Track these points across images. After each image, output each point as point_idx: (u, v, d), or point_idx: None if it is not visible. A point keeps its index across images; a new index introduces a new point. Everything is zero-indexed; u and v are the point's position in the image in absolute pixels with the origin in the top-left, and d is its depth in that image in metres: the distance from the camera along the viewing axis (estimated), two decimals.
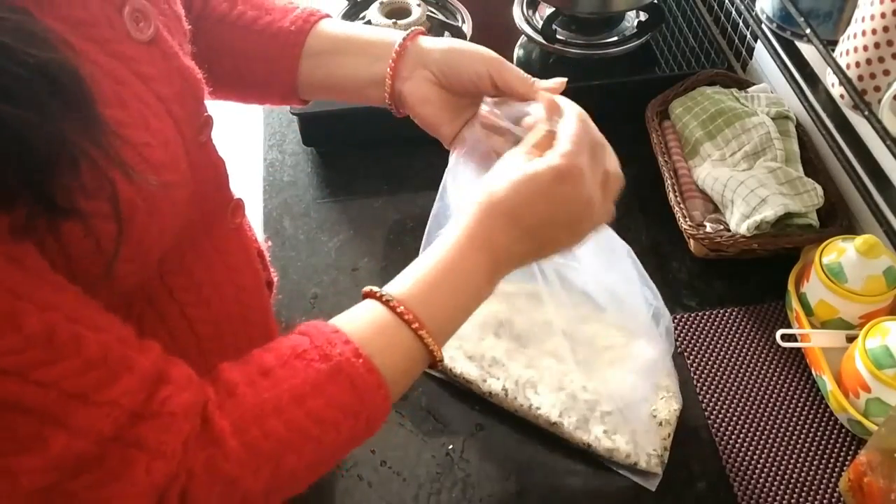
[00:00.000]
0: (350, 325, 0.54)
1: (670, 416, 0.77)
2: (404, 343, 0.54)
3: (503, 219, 0.57)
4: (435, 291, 0.56)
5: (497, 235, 0.57)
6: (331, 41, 0.72)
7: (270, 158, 1.08)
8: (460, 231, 0.57)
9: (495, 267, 0.58)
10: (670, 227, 0.95)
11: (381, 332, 0.54)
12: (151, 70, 0.52)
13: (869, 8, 0.73)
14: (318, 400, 0.50)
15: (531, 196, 0.57)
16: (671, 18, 1.19)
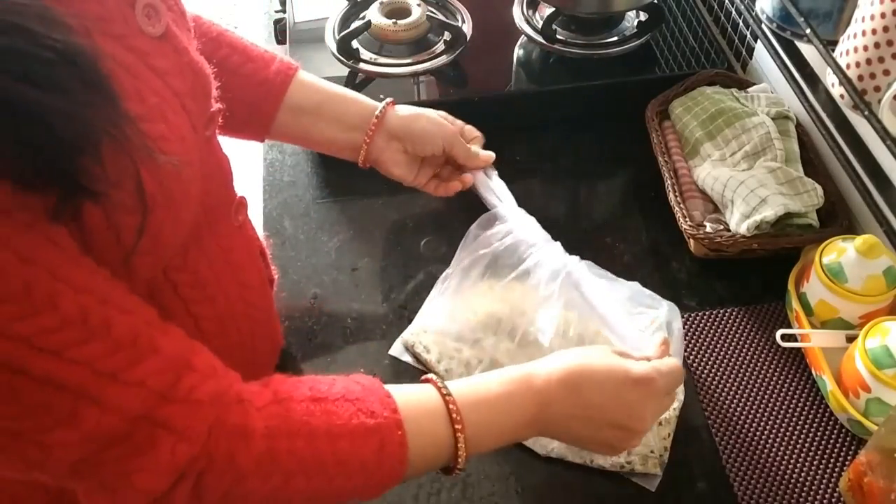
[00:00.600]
0: (402, 399, 0.57)
1: (670, 415, 0.77)
2: (441, 438, 0.58)
3: (567, 388, 0.62)
4: (484, 406, 0.60)
5: (554, 398, 0.61)
6: (309, 100, 0.80)
7: (270, 158, 1.08)
8: (534, 372, 0.63)
9: (539, 421, 0.62)
10: (670, 227, 0.95)
11: (426, 417, 0.58)
12: (165, 64, 0.53)
13: (869, 8, 0.73)
14: (347, 445, 0.54)
15: (603, 383, 0.62)
16: (671, 18, 1.19)
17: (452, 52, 1.10)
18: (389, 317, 0.89)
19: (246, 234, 0.68)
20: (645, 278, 0.92)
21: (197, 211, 0.57)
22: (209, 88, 0.59)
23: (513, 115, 1.10)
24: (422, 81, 1.11)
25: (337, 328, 0.88)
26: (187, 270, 0.59)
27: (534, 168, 1.06)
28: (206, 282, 0.61)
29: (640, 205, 1.01)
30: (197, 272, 0.60)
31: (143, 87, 0.50)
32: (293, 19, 1.18)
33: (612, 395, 0.62)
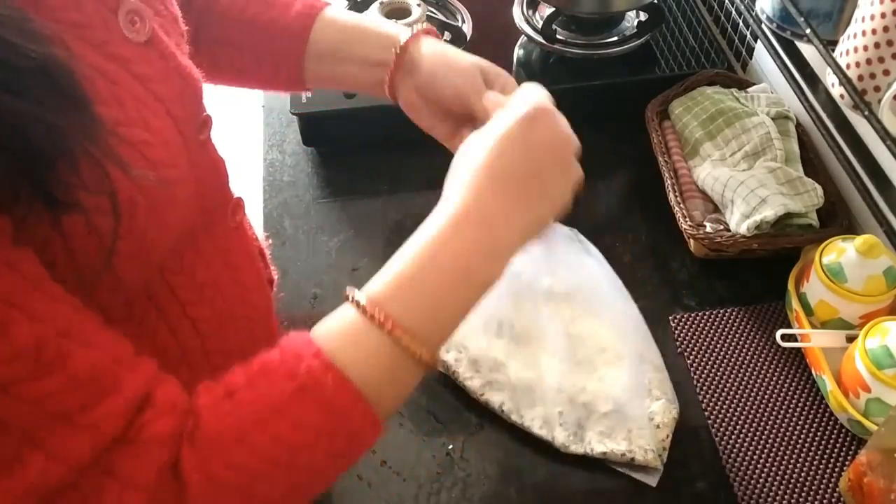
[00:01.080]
0: (325, 334, 0.50)
1: (668, 421, 0.77)
2: (380, 349, 0.49)
3: (490, 184, 0.52)
4: (416, 285, 0.50)
5: (488, 203, 0.52)
6: (332, 42, 0.72)
7: (270, 158, 1.08)
8: (446, 210, 0.52)
9: (494, 241, 0.52)
10: (670, 227, 0.95)
11: (353, 341, 0.49)
12: (149, 70, 0.52)
13: (869, 8, 0.73)
14: (281, 423, 0.46)
15: (511, 150, 0.53)
16: (671, 18, 1.19)
17: None
18: None
19: (243, 234, 0.68)
20: (645, 278, 0.93)
21: (190, 214, 0.56)
22: (199, 93, 0.58)
23: None
24: None
25: None
26: (184, 273, 0.58)
27: None
28: (203, 283, 0.60)
29: (640, 205, 1.01)
30: (194, 274, 0.59)
31: (122, 94, 0.49)
32: None
33: (524, 152, 0.53)
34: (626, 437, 0.76)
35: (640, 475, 0.75)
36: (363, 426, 0.49)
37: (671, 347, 0.86)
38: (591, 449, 0.76)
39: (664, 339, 0.87)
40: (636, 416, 0.76)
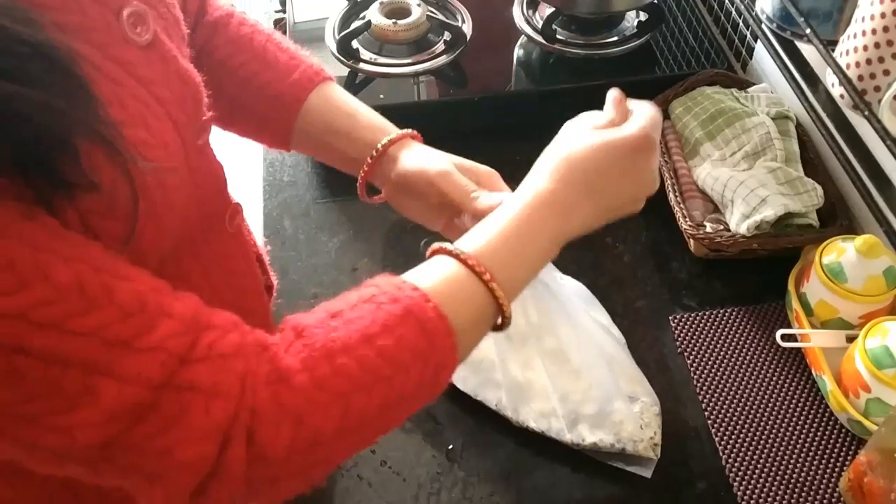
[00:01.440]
0: (419, 276, 0.54)
1: (651, 419, 0.77)
2: (475, 294, 0.53)
3: (580, 183, 0.58)
4: (506, 246, 0.56)
5: (571, 197, 0.58)
6: (320, 125, 0.72)
7: (270, 158, 1.08)
8: (536, 189, 0.58)
9: (564, 228, 0.58)
10: (670, 227, 0.95)
11: (450, 282, 0.53)
12: (150, 73, 0.52)
13: (869, 8, 0.73)
14: (388, 339, 0.49)
15: (610, 163, 0.59)
16: (671, 18, 1.19)
17: (452, 52, 1.10)
18: None
19: (242, 240, 0.67)
20: (645, 278, 0.93)
21: (187, 218, 0.56)
22: (199, 96, 0.58)
23: (513, 115, 1.10)
24: (422, 81, 1.11)
25: None
26: (181, 277, 0.57)
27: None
28: (199, 289, 0.59)
29: None
30: (190, 279, 0.59)
31: (124, 95, 0.49)
32: (293, 19, 1.19)
33: (620, 171, 0.59)
34: (615, 430, 0.76)
35: (635, 468, 0.75)
36: (449, 361, 0.52)
37: (671, 347, 0.86)
38: (583, 439, 0.76)
39: (664, 339, 0.87)
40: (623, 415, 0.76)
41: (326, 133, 0.72)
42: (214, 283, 0.62)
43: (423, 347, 0.50)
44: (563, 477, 0.76)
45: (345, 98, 0.73)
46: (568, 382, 0.80)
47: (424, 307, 0.51)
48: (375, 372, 0.49)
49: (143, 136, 0.49)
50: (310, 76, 0.72)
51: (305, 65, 0.72)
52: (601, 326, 0.83)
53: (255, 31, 0.73)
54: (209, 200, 0.61)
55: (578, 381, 0.80)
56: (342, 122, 0.72)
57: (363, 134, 0.71)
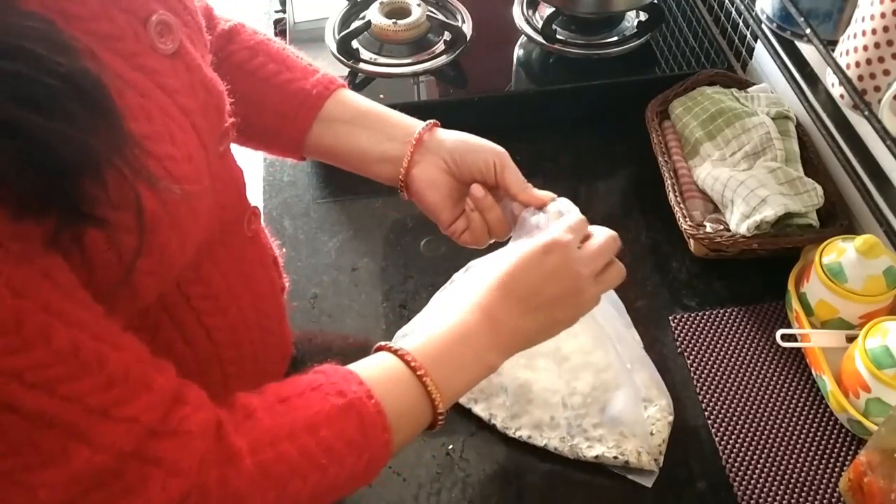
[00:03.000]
0: (364, 371, 0.57)
1: (663, 427, 0.77)
2: (411, 392, 0.57)
3: (501, 293, 0.62)
4: (444, 351, 0.60)
5: (496, 308, 0.62)
6: (349, 111, 0.74)
7: (270, 158, 1.08)
8: (466, 300, 0.62)
9: (496, 338, 0.61)
10: (670, 227, 0.95)
11: (391, 379, 0.57)
12: (175, 83, 0.52)
13: (869, 8, 0.73)
14: (329, 430, 0.53)
15: (524, 269, 0.63)
16: (671, 18, 1.19)
17: (452, 52, 1.10)
18: (389, 317, 0.89)
19: (259, 243, 0.68)
20: (645, 278, 0.93)
21: (209, 227, 0.56)
22: (222, 105, 0.58)
23: (513, 115, 1.10)
24: (422, 81, 1.11)
25: (337, 328, 0.88)
26: (200, 283, 0.58)
27: (534, 168, 1.06)
28: (218, 293, 0.60)
29: (640, 205, 1.01)
30: (210, 284, 0.59)
31: (150, 106, 0.49)
32: (293, 19, 1.19)
33: (537, 275, 0.62)
34: (616, 442, 0.76)
35: (636, 476, 0.75)
36: (382, 455, 0.56)
37: (671, 347, 0.86)
38: (583, 455, 0.76)
39: (664, 339, 0.87)
40: (629, 422, 0.76)
41: (356, 119, 0.73)
42: (233, 287, 0.62)
43: (360, 441, 0.54)
44: (563, 477, 0.76)
45: (366, 99, 0.75)
46: (572, 383, 0.80)
47: (367, 403, 0.54)
48: (314, 461, 0.52)
49: (168, 150, 0.49)
50: (329, 78, 0.74)
51: (324, 71, 0.75)
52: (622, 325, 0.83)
53: (269, 39, 0.75)
54: (229, 206, 0.61)
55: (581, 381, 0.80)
56: (372, 113, 0.74)
57: (398, 122, 0.73)
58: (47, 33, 0.41)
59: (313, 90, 0.72)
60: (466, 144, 0.72)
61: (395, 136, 0.72)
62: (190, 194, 0.51)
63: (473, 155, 0.71)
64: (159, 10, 0.51)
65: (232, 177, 0.62)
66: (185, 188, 0.50)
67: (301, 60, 0.75)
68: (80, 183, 0.41)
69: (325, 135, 0.73)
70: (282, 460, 0.51)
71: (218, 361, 0.61)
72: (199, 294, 0.58)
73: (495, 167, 0.70)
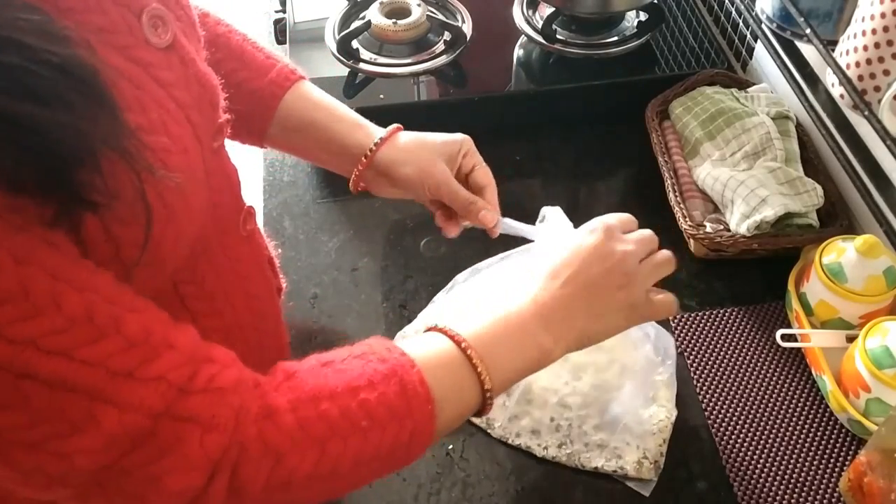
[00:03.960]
0: (409, 345, 0.57)
1: (665, 426, 0.77)
2: (456, 365, 0.57)
3: (545, 278, 0.63)
4: (490, 329, 0.60)
5: (540, 291, 0.62)
6: (300, 117, 0.75)
7: (270, 158, 1.08)
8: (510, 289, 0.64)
9: (544, 319, 0.61)
10: (670, 227, 0.95)
11: (439, 356, 0.57)
12: (170, 76, 0.52)
13: (869, 8, 0.73)
14: (370, 394, 0.52)
15: (566, 254, 0.64)
16: (671, 18, 1.19)
17: (452, 52, 1.10)
18: (389, 317, 0.89)
19: (254, 243, 0.68)
20: None
21: (203, 223, 0.56)
22: (217, 100, 0.58)
23: (513, 115, 1.10)
24: (422, 81, 1.11)
25: (337, 328, 0.88)
26: (195, 282, 0.58)
27: (534, 168, 1.06)
28: (213, 293, 0.60)
29: (640, 205, 1.01)
30: (204, 284, 0.59)
31: (145, 99, 0.49)
32: (293, 19, 1.18)
33: (581, 257, 0.63)
34: (617, 452, 0.76)
35: (634, 484, 0.75)
36: (426, 428, 0.54)
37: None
38: (581, 465, 0.76)
39: None
40: (631, 426, 0.76)
41: (304, 127, 0.75)
42: (228, 287, 0.62)
43: (402, 409, 0.53)
44: (563, 477, 0.76)
45: (321, 95, 0.77)
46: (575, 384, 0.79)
47: (409, 371, 0.54)
48: (355, 422, 0.51)
49: (164, 141, 0.49)
50: (286, 74, 0.75)
51: (281, 64, 0.75)
52: None
53: (230, 31, 0.75)
54: (223, 204, 0.61)
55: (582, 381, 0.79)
56: (320, 116, 0.75)
57: (341, 127, 0.75)
58: (41, 24, 0.41)
59: (266, 90, 0.74)
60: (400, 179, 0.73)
61: (344, 157, 0.75)
62: (185, 187, 0.51)
63: (407, 189, 0.74)
64: (152, 3, 0.51)
65: (226, 174, 0.62)
66: (180, 181, 0.50)
67: (260, 53, 0.76)
68: (78, 171, 0.41)
69: (279, 138, 0.77)
70: (322, 419, 0.50)
71: None
72: (195, 294, 0.58)
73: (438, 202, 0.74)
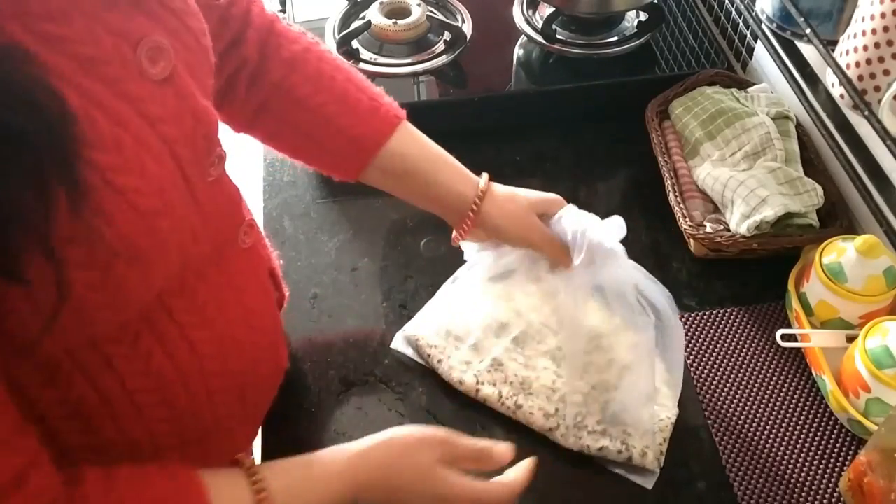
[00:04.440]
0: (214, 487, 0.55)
1: (665, 427, 0.77)
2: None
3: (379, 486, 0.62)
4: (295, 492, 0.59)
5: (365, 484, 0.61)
6: (401, 164, 0.76)
7: (270, 158, 1.08)
8: (348, 464, 0.62)
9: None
10: (670, 227, 0.95)
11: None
12: (160, 110, 0.50)
13: (869, 8, 0.73)
14: None
15: (402, 461, 0.63)
16: (671, 18, 1.19)
17: (452, 52, 1.10)
18: (390, 316, 0.89)
19: (254, 255, 0.66)
20: None
21: (189, 253, 0.55)
22: (212, 133, 0.56)
23: (513, 115, 1.10)
24: (422, 81, 1.11)
25: (337, 328, 0.88)
26: (184, 296, 0.57)
27: (534, 168, 1.06)
28: (204, 306, 0.58)
29: (640, 205, 1.01)
30: (195, 298, 0.58)
31: (124, 137, 0.47)
32: (293, 19, 1.19)
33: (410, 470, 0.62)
34: (622, 438, 0.76)
35: (636, 477, 0.75)
36: None
37: None
38: (588, 446, 0.76)
39: None
40: (633, 421, 0.76)
41: (405, 175, 0.76)
42: (220, 299, 0.60)
43: None
44: (563, 477, 0.76)
45: (422, 141, 0.77)
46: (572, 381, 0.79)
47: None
48: None
49: (135, 182, 0.48)
50: (389, 119, 0.74)
51: (385, 106, 0.75)
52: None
53: (335, 70, 0.74)
54: (221, 228, 0.60)
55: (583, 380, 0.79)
56: (422, 167, 0.76)
57: (443, 178, 0.76)
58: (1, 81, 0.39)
59: (370, 138, 0.74)
60: (503, 227, 0.76)
61: (446, 205, 0.77)
62: (158, 225, 0.49)
63: (507, 239, 0.78)
64: (153, 33, 0.50)
65: (226, 199, 0.61)
66: (150, 222, 0.49)
67: (364, 93, 0.74)
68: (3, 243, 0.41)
69: (377, 181, 0.77)
70: None
71: (202, 375, 0.59)
72: (183, 307, 0.57)
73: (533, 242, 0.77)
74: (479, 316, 0.83)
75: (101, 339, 0.52)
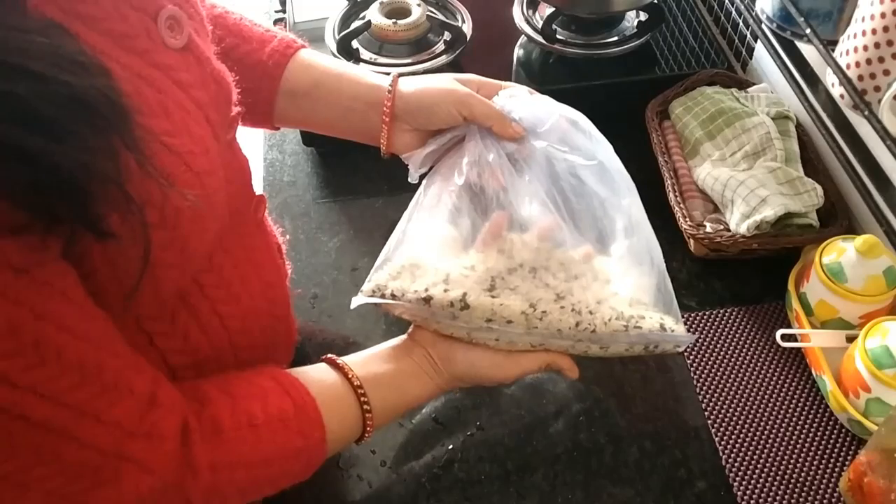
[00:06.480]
0: (323, 400, 0.62)
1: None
2: (353, 422, 0.65)
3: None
4: (385, 386, 0.68)
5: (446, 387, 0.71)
6: (307, 79, 0.74)
7: (270, 158, 1.08)
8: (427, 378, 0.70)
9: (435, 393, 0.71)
10: (670, 227, 0.95)
11: (340, 407, 0.64)
12: (188, 77, 0.52)
13: (869, 8, 0.73)
14: (280, 468, 0.59)
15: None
16: (671, 18, 1.19)
17: (452, 52, 1.10)
18: (389, 317, 0.89)
19: (265, 231, 0.69)
20: None
21: (223, 217, 0.57)
22: (231, 96, 0.59)
23: None
24: None
25: (337, 328, 0.88)
26: (213, 271, 0.60)
27: None
28: (230, 281, 0.61)
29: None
30: (222, 272, 0.61)
31: (168, 102, 0.50)
32: (293, 19, 1.18)
33: None
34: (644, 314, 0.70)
35: (670, 341, 0.69)
36: (309, 471, 0.63)
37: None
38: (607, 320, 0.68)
39: None
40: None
41: (311, 90, 0.74)
42: (243, 275, 0.63)
43: (299, 474, 0.62)
44: (563, 477, 0.76)
45: (325, 59, 0.76)
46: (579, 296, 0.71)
47: (320, 453, 0.62)
48: (258, 489, 0.60)
49: (188, 144, 0.50)
50: (288, 43, 0.74)
51: (281, 35, 0.75)
52: None
53: (226, 11, 0.75)
54: (238, 194, 0.62)
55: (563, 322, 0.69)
56: (332, 77, 0.74)
57: (355, 84, 0.74)
58: (53, 49, 0.40)
59: (269, 60, 0.73)
60: (427, 101, 0.72)
61: (355, 106, 0.74)
62: (208, 184, 0.52)
63: (436, 112, 0.72)
64: (167, 4, 0.52)
65: (239, 165, 0.63)
66: (204, 181, 0.51)
67: (257, 28, 0.75)
68: (87, 203, 0.42)
69: (289, 109, 0.75)
70: (233, 484, 0.56)
71: (232, 350, 0.63)
72: (213, 283, 0.60)
73: (461, 114, 0.72)
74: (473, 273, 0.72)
75: (144, 316, 0.55)
